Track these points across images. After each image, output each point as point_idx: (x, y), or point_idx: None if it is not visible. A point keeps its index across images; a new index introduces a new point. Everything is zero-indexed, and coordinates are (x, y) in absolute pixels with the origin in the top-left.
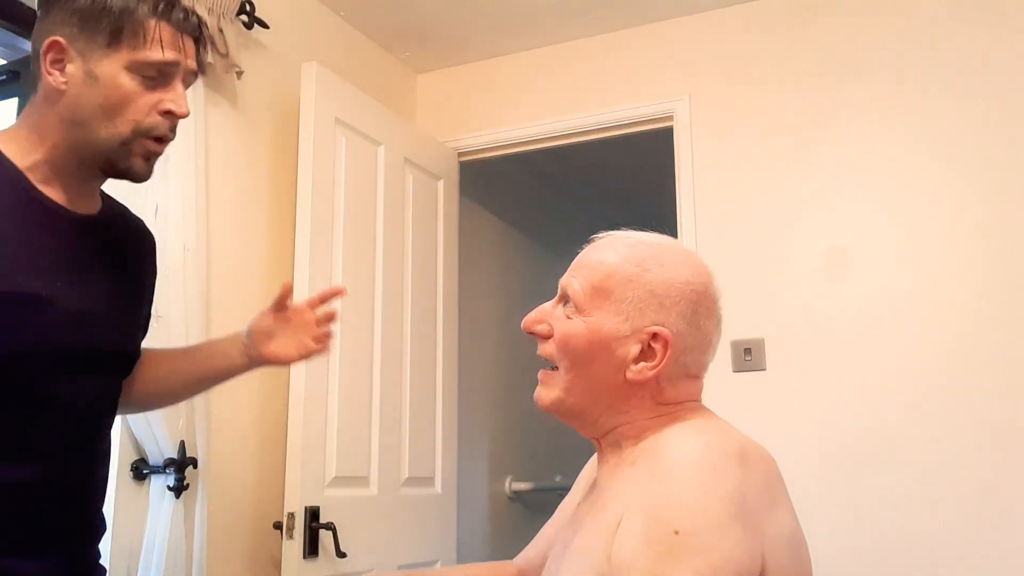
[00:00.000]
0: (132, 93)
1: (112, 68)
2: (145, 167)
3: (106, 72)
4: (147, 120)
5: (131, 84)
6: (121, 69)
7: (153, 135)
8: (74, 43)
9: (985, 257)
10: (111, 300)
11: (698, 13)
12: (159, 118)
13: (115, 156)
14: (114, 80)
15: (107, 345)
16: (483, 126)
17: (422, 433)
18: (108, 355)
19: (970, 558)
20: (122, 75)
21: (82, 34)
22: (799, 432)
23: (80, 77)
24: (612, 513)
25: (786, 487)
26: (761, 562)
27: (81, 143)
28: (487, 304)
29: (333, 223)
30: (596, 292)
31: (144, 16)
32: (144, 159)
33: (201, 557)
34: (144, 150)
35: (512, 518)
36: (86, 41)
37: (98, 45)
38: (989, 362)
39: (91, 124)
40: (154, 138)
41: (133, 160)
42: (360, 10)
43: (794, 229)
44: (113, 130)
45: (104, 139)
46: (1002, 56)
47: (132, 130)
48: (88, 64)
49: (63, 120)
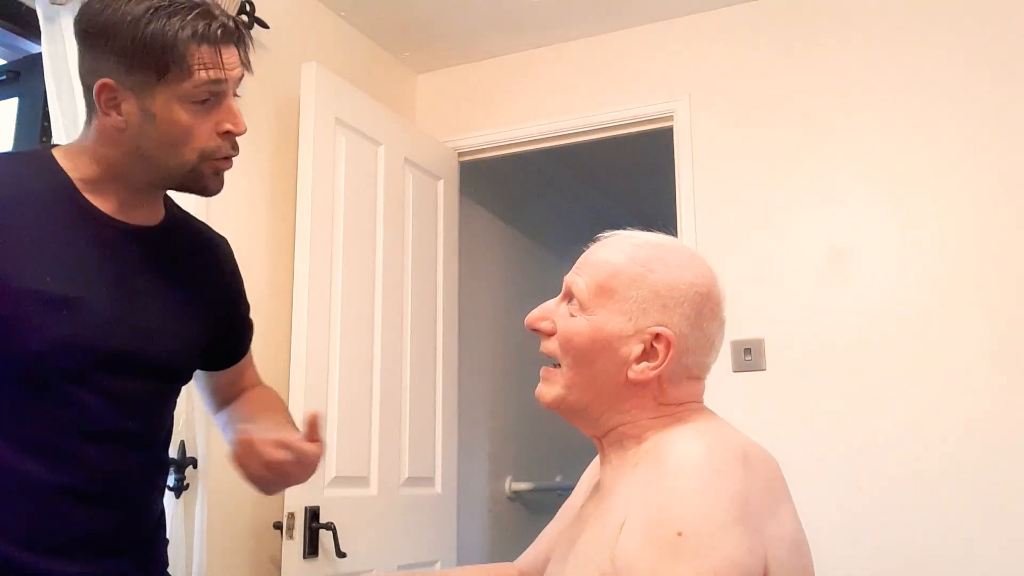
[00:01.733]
0: (191, 124)
1: (165, 103)
2: (216, 182)
3: (161, 108)
4: (210, 144)
5: (187, 115)
6: (174, 102)
7: (218, 156)
8: (124, 82)
9: (985, 257)
10: (162, 309)
11: (698, 13)
12: (220, 140)
13: (187, 180)
14: (170, 115)
15: (149, 352)
16: (483, 126)
17: (422, 433)
18: (150, 362)
19: (970, 558)
20: (176, 108)
21: (130, 74)
22: (799, 432)
23: (137, 115)
24: (615, 514)
25: (788, 488)
26: (763, 563)
27: (153, 174)
28: (487, 304)
29: (333, 223)
30: (600, 291)
31: (184, 45)
32: (215, 176)
33: (201, 557)
34: (213, 169)
35: (512, 518)
36: (135, 80)
37: (148, 82)
38: (989, 362)
39: (158, 157)
40: (220, 158)
41: (205, 181)
42: (360, 10)
43: (794, 229)
44: (180, 160)
45: (174, 168)
46: (1004, 56)
47: (199, 157)
48: (143, 102)
49: (128, 155)
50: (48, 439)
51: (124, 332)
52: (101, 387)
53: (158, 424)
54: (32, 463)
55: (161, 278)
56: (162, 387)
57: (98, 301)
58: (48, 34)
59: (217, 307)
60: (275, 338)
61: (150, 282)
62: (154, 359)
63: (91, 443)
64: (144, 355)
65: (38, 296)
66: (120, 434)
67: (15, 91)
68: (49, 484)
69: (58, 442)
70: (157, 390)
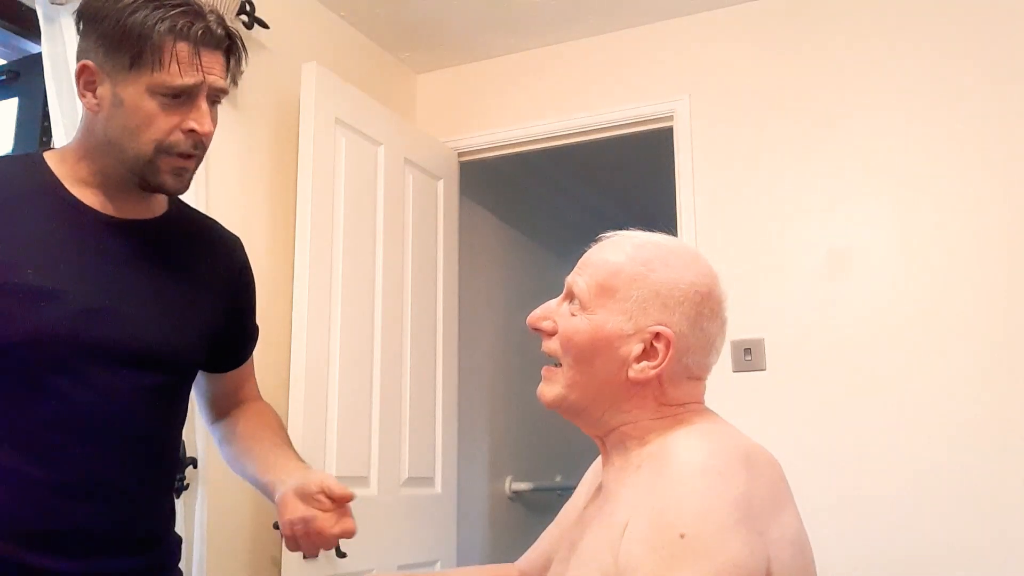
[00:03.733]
0: (153, 115)
1: (135, 91)
2: (176, 181)
3: (130, 95)
4: (169, 139)
5: (152, 106)
6: (143, 92)
7: (176, 152)
8: (102, 66)
9: (985, 257)
10: (154, 299)
11: (698, 13)
12: (181, 136)
13: (144, 173)
14: (137, 103)
15: (139, 342)
16: (483, 126)
17: (422, 433)
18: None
19: (970, 557)
20: (144, 98)
21: (108, 58)
22: (799, 432)
23: (109, 99)
24: (618, 516)
25: (790, 489)
26: (766, 565)
27: (116, 161)
28: (487, 304)
29: (333, 223)
30: (601, 290)
31: (161, 37)
32: (174, 175)
33: (201, 557)
34: (171, 166)
35: (512, 518)
36: (112, 65)
37: (122, 68)
38: (989, 361)
39: (120, 144)
40: (179, 155)
41: (163, 177)
42: (360, 10)
43: (794, 229)
44: (138, 150)
45: (132, 158)
46: (1004, 56)
47: (154, 149)
48: (115, 87)
49: (100, 140)
50: (37, 434)
51: (108, 322)
52: (88, 380)
53: (159, 420)
54: (22, 459)
55: (154, 270)
56: (160, 380)
57: (80, 292)
58: (48, 34)
59: (219, 300)
60: (275, 338)
61: (140, 273)
62: (145, 349)
63: (81, 438)
64: (134, 346)
65: (18, 288)
66: (113, 429)
67: (15, 91)
68: (40, 480)
69: (47, 437)
70: (154, 383)
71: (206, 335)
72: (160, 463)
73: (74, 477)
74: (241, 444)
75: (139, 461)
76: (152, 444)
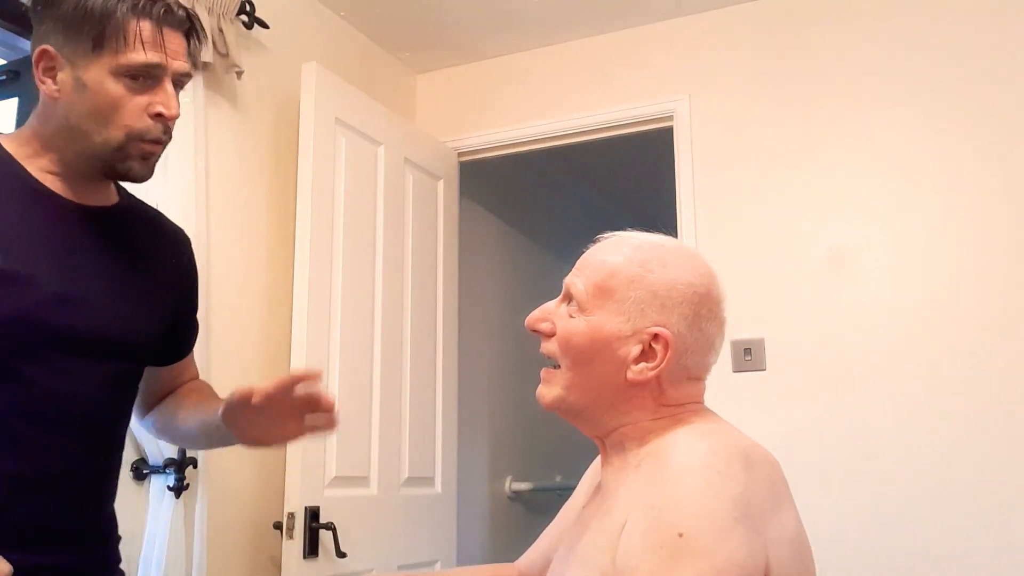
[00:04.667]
0: (120, 98)
1: (98, 74)
2: (143, 168)
3: (93, 78)
4: (139, 124)
5: (118, 89)
6: (107, 74)
7: (147, 138)
8: (62, 51)
9: (985, 257)
10: (116, 288)
11: (698, 13)
12: (150, 121)
13: (112, 160)
14: (102, 86)
15: (103, 331)
16: (483, 126)
17: (422, 433)
18: (105, 342)
19: (971, 557)
20: (108, 81)
21: (68, 41)
22: (799, 432)
23: (71, 84)
24: (617, 516)
25: (790, 489)
26: (765, 565)
27: (79, 149)
28: (487, 304)
29: (333, 223)
30: (599, 291)
31: (124, 16)
32: (141, 160)
33: (201, 557)
34: (140, 152)
35: (512, 518)
36: (72, 48)
37: (84, 51)
38: (990, 361)
39: (85, 130)
40: (148, 140)
41: (130, 163)
42: (360, 10)
43: (794, 229)
44: (107, 135)
45: (99, 144)
46: (1004, 55)
47: (125, 135)
48: (76, 71)
49: (60, 127)
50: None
51: (76, 310)
52: (53, 367)
53: (118, 409)
54: None
55: (115, 258)
56: (119, 369)
57: (49, 278)
58: None
59: (171, 293)
60: (275, 338)
61: (103, 261)
62: (109, 338)
63: (42, 427)
64: (98, 334)
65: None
66: (73, 419)
67: (15, 91)
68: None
69: (13, 427)
70: (114, 372)
71: (160, 326)
72: (114, 453)
73: (32, 468)
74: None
75: (98, 452)
76: (110, 434)
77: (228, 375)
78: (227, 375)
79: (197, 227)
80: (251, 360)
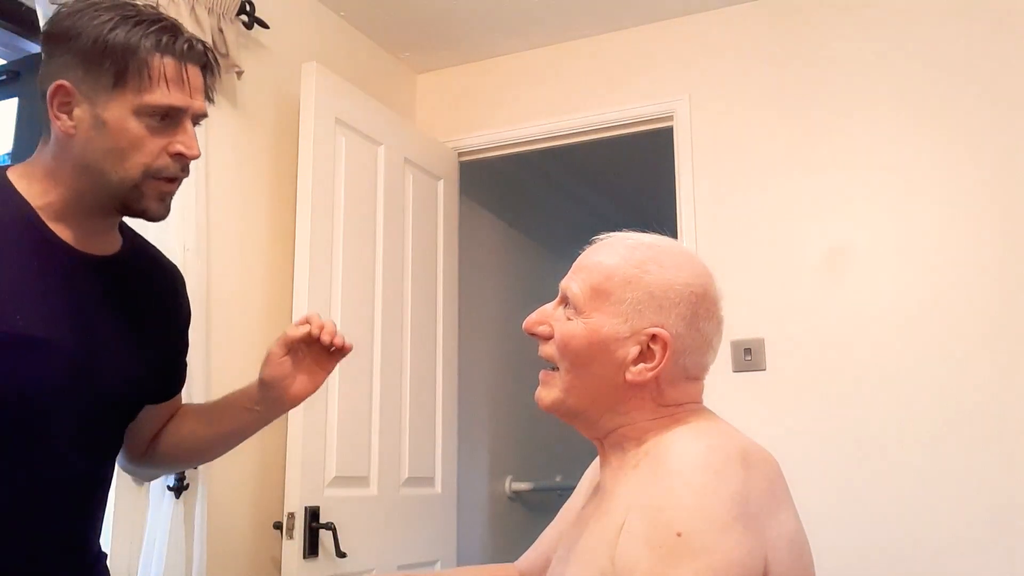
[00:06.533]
0: (141, 137)
1: (119, 112)
2: (160, 207)
3: (113, 116)
4: (157, 163)
5: (139, 128)
6: (129, 113)
7: (163, 176)
8: (80, 86)
9: (985, 257)
10: (121, 343)
11: (698, 13)
12: (169, 160)
13: (128, 199)
14: (122, 125)
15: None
16: (483, 126)
17: (422, 433)
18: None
19: (971, 557)
20: (130, 119)
21: (87, 77)
22: (799, 432)
23: (88, 122)
24: (616, 516)
25: (788, 488)
26: (763, 564)
27: (95, 187)
28: (487, 304)
29: (333, 223)
30: (595, 293)
31: (147, 53)
32: (158, 200)
33: (201, 557)
34: (157, 192)
35: (512, 518)
36: (91, 84)
37: (103, 88)
38: (990, 361)
39: (102, 168)
40: (165, 179)
41: (147, 203)
42: (360, 10)
43: (794, 229)
44: (124, 174)
45: (116, 183)
46: (1003, 57)
47: (142, 173)
48: (95, 108)
49: (75, 165)
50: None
51: (84, 374)
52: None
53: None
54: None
55: (119, 311)
56: (117, 425)
57: (63, 341)
58: None
59: (170, 335)
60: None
61: (109, 316)
62: (117, 396)
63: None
64: (108, 394)
65: (7, 337)
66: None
67: (15, 91)
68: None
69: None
70: (112, 429)
71: (159, 372)
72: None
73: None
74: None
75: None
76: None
77: (228, 375)
78: (227, 375)
79: (197, 227)
80: (251, 360)
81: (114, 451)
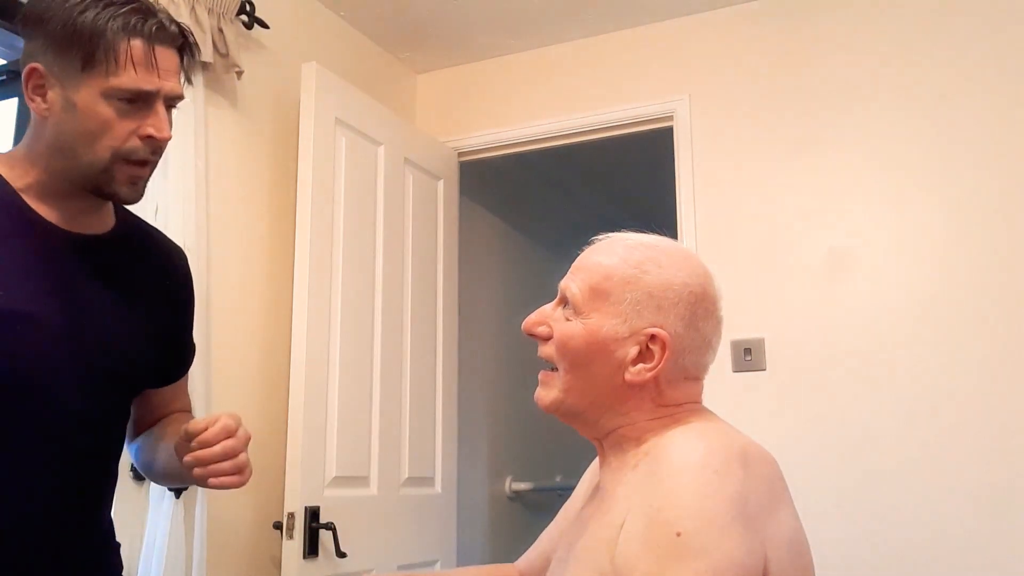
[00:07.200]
0: (110, 120)
1: (89, 95)
2: (131, 191)
3: (83, 99)
4: (126, 145)
5: (108, 111)
6: (98, 96)
7: (133, 159)
8: (52, 69)
9: (985, 256)
10: (113, 320)
11: (698, 13)
12: (139, 143)
13: (99, 181)
14: (91, 108)
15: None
16: (483, 126)
17: (422, 433)
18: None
19: (972, 557)
20: (99, 103)
21: (58, 60)
22: (799, 432)
23: (60, 104)
24: (615, 516)
25: (788, 488)
26: (763, 564)
27: (67, 169)
28: (487, 304)
29: (333, 223)
30: (594, 294)
31: (114, 35)
32: (129, 184)
33: (201, 557)
34: (127, 175)
35: (512, 518)
36: (62, 67)
37: (73, 71)
38: (990, 361)
39: (73, 151)
40: (136, 162)
41: (117, 186)
42: (360, 10)
43: (794, 229)
44: (93, 156)
45: (86, 165)
46: (1006, 55)
47: (111, 156)
48: (66, 91)
49: (49, 146)
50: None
51: (75, 347)
52: (51, 404)
53: (115, 439)
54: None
55: (110, 289)
56: (119, 401)
57: (48, 316)
58: None
59: (168, 314)
60: (275, 338)
61: (98, 294)
62: (114, 371)
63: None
64: (98, 370)
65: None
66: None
67: (15, 91)
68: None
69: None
70: (114, 405)
71: (153, 351)
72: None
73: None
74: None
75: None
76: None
77: (228, 375)
78: (227, 375)
79: (197, 227)
80: (251, 360)
81: (118, 428)
